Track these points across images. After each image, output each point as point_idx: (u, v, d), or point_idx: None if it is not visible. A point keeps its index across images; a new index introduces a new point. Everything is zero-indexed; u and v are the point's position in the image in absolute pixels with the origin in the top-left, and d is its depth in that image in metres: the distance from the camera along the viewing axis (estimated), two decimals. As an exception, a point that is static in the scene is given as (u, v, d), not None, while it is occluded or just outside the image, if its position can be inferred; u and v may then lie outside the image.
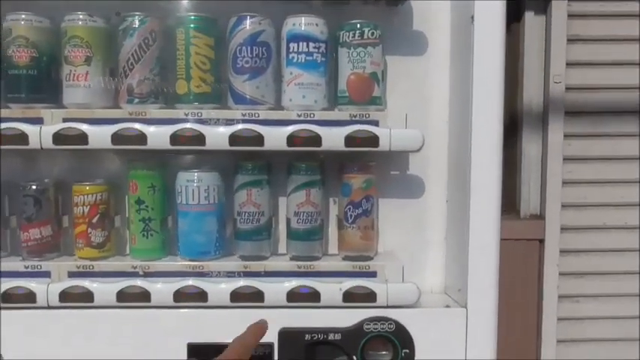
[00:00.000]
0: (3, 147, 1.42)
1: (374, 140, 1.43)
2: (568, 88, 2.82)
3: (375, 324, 1.45)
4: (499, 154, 1.45)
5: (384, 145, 1.43)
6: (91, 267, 1.51)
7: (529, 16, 2.85)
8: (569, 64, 2.81)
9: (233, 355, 1.01)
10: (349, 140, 1.43)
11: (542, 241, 2.90)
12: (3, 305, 1.45)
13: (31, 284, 1.47)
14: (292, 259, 1.56)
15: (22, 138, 1.41)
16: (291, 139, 1.43)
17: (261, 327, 1.09)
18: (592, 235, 2.92)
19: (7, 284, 1.46)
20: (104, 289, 1.46)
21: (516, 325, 2.89)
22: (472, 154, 1.44)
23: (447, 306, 1.52)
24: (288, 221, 1.56)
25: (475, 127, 1.43)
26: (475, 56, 1.41)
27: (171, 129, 1.43)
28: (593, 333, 2.96)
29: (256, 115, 1.47)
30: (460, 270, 1.52)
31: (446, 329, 1.47)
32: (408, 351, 1.45)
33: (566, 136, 2.86)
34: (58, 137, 1.41)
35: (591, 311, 2.95)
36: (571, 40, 2.81)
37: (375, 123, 1.47)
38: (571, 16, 2.79)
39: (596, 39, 2.82)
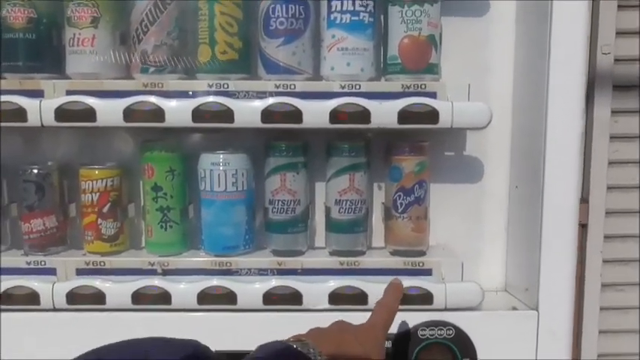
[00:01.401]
0: (-2, 124, 1.22)
1: (433, 115, 1.21)
2: (617, 60, 2.58)
3: (432, 329, 1.25)
4: (579, 132, 1.23)
5: (444, 121, 1.21)
6: (102, 263, 1.31)
7: (576, -20, 2.60)
8: (619, 33, 2.56)
9: (380, 320, 1.01)
10: (403, 115, 1.21)
11: (584, 226, 2.69)
12: (2, 307, 1.26)
13: (34, 283, 1.28)
14: (332, 253, 1.36)
15: (20, 114, 1.21)
16: (335, 115, 1.21)
17: (398, 287, 1.11)
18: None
19: (7, 283, 1.28)
20: (117, 290, 1.27)
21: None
22: (547, 131, 1.22)
23: (514, 308, 1.32)
24: (328, 210, 1.35)
25: (552, 101, 1.21)
26: (554, 16, 1.18)
27: (192, 103, 1.22)
28: (637, 323, 2.77)
29: (292, 86, 1.25)
30: (527, 266, 1.32)
31: (513, 335, 1.27)
32: (469, 359, 1.25)
33: (613, 112, 2.62)
34: (61, 113, 1.21)
35: (636, 300, 2.75)
36: (622, 7, 2.56)
37: (433, 95, 1.25)
38: (623, -21, 2.53)
39: (649, 5, 2.57)
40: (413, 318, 1.26)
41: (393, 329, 1.24)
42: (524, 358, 1.27)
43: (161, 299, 1.27)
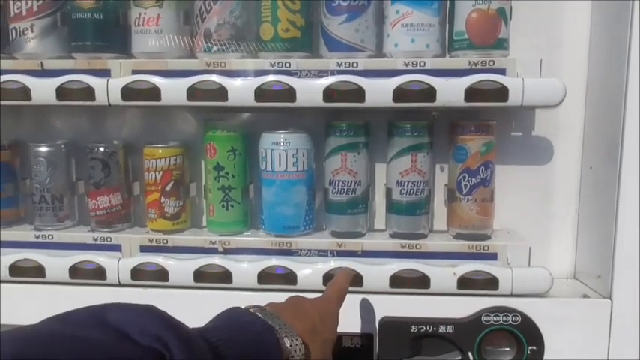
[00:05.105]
0: (67, 103, 1.25)
1: (502, 93, 1.16)
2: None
3: (497, 315, 1.21)
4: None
5: (514, 98, 1.16)
6: (164, 241, 1.34)
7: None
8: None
9: (334, 294, 1.04)
10: (471, 93, 1.17)
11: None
12: (71, 280, 1.31)
13: (101, 258, 1.31)
14: (393, 236, 1.34)
15: (88, 92, 1.23)
16: (399, 93, 1.18)
17: (348, 272, 1.13)
18: None
19: (76, 257, 1.32)
20: (180, 268, 1.29)
21: None
22: (627, 109, 1.15)
23: (585, 296, 1.26)
24: (389, 192, 1.33)
25: (633, 78, 1.13)
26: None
27: (255, 82, 1.21)
28: None
29: (355, 64, 1.23)
30: (600, 252, 1.25)
31: (584, 324, 1.21)
32: (535, 348, 1.21)
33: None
34: (127, 92, 1.23)
35: None
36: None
37: (502, 71, 1.19)
38: None
39: None
40: (477, 303, 1.22)
41: (457, 314, 1.22)
42: (595, 348, 1.21)
43: (222, 278, 1.27)
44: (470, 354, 1.22)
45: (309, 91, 1.20)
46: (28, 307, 1.26)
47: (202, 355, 0.70)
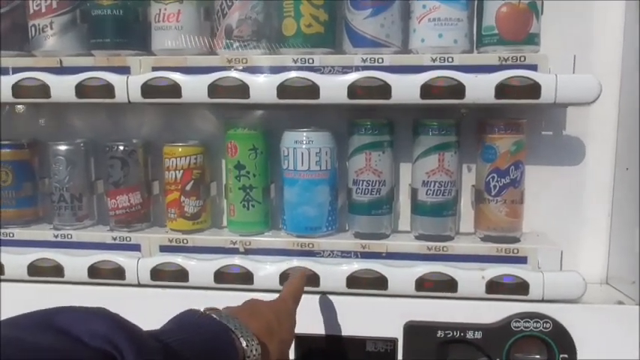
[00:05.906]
0: (87, 100, 1.23)
1: (534, 90, 1.11)
2: None
3: (527, 322, 1.17)
4: None
5: (547, 96, 1.11)
6: (184, 241, 1.31)
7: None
8: None
9: (289, 294, 1.05)
10: (501, 90, 1.12)
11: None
12: (90, 280, 1.29)
13: (120, 258, 1.30)
14: (418, 237, 1.30)
15: (108, 90, 1.22)
16: (426, 90, 1.14)
17: (302, 272, 1.16)
18: None
19: (95, 257, 1.30)
20: (200, 268, 1.26)
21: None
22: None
23: (620, 302, 1.21)
24: (414, 192, 1.29)
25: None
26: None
27: (277, 79, 1.18)
28: None
29: (380, 60, 1.19)
30: (635, 257, 1.20)
31: (617, 332, 1.16)
32: (567, 356, 1.17)
33: None
34: (147, 89, 1.21)
35: None
36: None
37: (533, 67, 1.15)
38: None
39: None
40: (506, 308, 1.18)
41: (486, 319, 1.17)
42: (630, 358, 1.16)
43: (243, 279, 1.25)
44: (498, 361, 1.18)
45: (333, 87, 1.17)
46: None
47: (154, 356, 0.69)
